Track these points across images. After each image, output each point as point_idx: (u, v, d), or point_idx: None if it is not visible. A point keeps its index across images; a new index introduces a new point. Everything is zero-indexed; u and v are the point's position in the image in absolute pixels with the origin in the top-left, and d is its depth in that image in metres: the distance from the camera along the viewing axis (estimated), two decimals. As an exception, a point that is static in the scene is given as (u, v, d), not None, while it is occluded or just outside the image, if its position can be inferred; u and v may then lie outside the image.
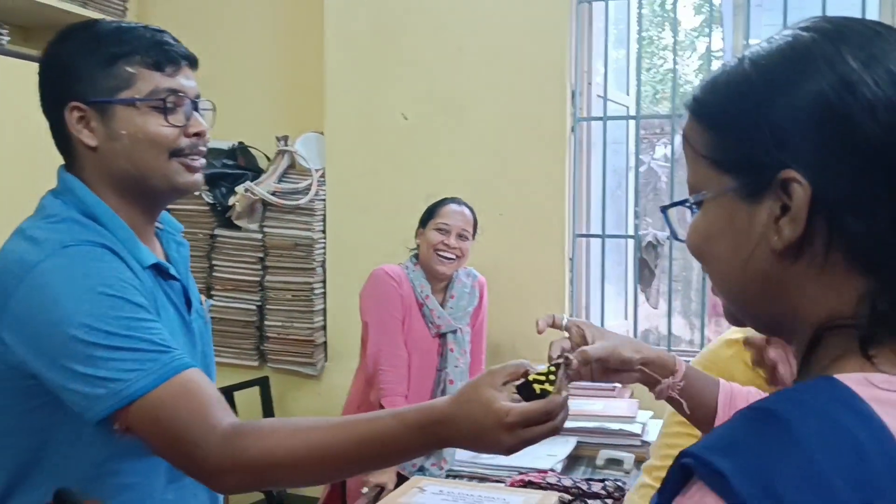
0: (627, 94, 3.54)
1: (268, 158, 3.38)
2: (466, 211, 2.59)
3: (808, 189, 0.61)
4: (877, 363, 0.61)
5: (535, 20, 2.98)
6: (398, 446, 0.99)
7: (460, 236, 2.52)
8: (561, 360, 1.00)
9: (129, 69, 1.11)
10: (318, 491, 2.61)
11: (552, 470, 2.16)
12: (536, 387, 0.96)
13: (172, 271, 1.20)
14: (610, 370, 1.07)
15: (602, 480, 2.08)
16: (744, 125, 0.65)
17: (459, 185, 3.07)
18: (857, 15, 2.66)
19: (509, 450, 0.96)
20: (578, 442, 2.41)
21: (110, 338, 1.00)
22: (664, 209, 0.77)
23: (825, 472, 0.54)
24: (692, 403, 1.09)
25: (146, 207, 1.18)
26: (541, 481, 2.01)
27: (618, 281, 3.41)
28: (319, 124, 3.29)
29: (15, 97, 2.75)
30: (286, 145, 3.29)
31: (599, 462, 2.31)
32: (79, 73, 1.11)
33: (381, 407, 2.35)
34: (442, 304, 2.53)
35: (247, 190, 3.20)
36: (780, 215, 0.63)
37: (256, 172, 3.32)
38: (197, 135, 1.16)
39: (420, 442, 0.98)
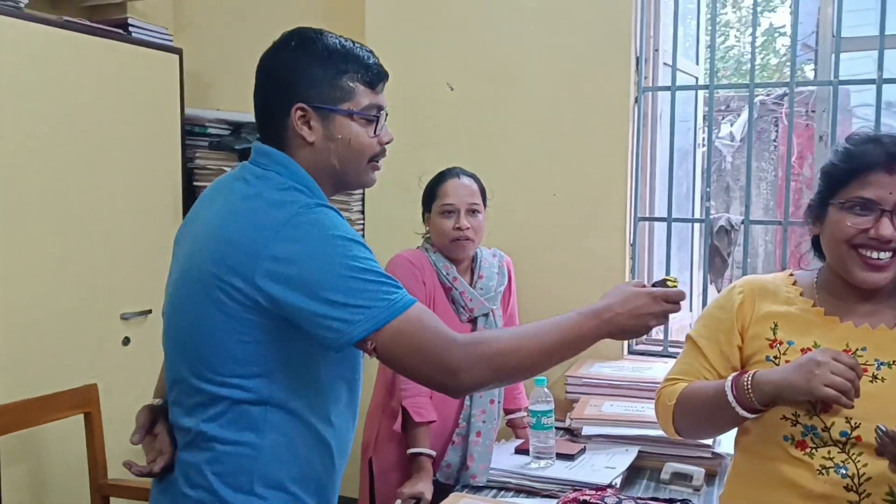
0: (696, 64, 3.23)
1: (305, 132, 3.15)
2: (468, 181, 2.27)
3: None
4: None
5: (596, -21, 2.69)
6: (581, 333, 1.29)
7: (470, 212, 2.23)
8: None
9: (351, 84, 1.33)
10: (356, 493, 2.39)
11: (611, 486, 1.89)
12: (669, 283, 1.33)
13: None
14: None
15: (668, 501, 1.81)
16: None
17: (510, 162, 2.82)
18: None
19: (659, 316, 1.30)
20: (640, 452, 2.14)
21: (364, 273, 1.21)
22: None
23: None
24: None
25: (329, 193, 1.38)
26: (598, 502, 1.75)
27: (682, 269, 3.11)
28: (359, 95, 3.05)
29: (34, 62, 2.57)
30: (324, 118, 3.06)
31: (665, 476, 2.03)
32: (310, 80, 1.31)
33: (405, 410, 2.11)
34: (471, 286, 2.26)
35: (281, 165, 2.98)
36: None
37: (293, 147, 3.10)
38: (387, 143, 1.40)
39: (593, 327, 1.28)
